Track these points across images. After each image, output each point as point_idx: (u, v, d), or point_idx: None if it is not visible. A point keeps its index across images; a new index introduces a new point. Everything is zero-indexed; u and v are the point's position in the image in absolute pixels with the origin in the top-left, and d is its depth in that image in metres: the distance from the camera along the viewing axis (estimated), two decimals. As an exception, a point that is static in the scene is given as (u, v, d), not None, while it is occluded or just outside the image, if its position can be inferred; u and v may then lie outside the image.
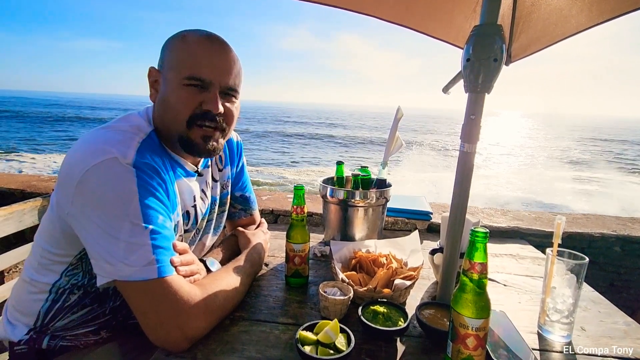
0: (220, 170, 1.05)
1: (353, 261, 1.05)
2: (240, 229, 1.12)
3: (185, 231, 0.91)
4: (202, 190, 0.96)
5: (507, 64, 1.22)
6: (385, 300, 0.84)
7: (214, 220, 1.05)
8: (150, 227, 0.68)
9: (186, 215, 0.89)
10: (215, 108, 0.79)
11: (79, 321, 0.84)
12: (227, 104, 0.83)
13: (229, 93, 0.83)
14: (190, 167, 0.90)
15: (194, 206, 0.91)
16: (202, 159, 0.95)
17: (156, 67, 0.83)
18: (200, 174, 0.94)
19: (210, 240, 1.06)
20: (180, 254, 0.75)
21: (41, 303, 0.80)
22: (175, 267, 0.71)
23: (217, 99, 0.80)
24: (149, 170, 0.72)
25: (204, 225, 1.00)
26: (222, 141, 0.86)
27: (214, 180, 1.02)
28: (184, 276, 0.74)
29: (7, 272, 2.02)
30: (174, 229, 0.81)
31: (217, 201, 1.04)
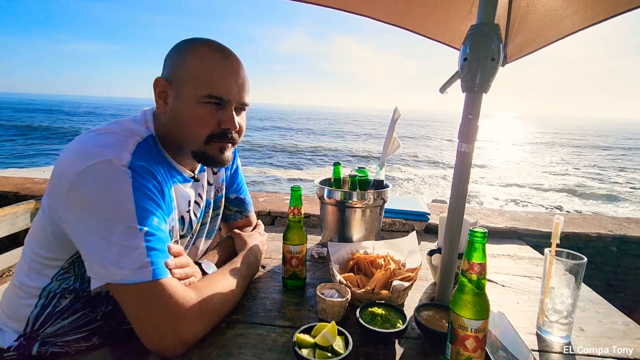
0: (214, 174, 1.04)
1: (351, 263, 1.04)
2: (237, 230, 1.11)
3: (181, 236, 0.90)
4: (198, 195, 0.96)
5: (502, 64, 1.23)
6: (383, 302, 0.83)
7: (207, 224, 1.04)
8: (145, 229, 0.67)
9: (181, 220, 0.88)
10: (233, 127, 0.82)
11: (70, 327, 0.82)
12: (238, 118, 0.84)
13: (242, 108, 0.85)
14: (187, 172, 0.89)
15: (189, 211, 0.91)
16: (200, 164, 0.95)
17: (164, 77, 0.81)
18: (196, 179, 0.94)
19: (203, 244, 1.05)
20: (175, 256, 0.74)
21: (31, 308, 0.79)
22: (170, 270, 0.70)
23: (234, 116, 0.81)
24: (145, 173, 0.71)
25: (197, 229, 0.99)
26: (231, 150, 0.88)
27: (208, 183, 1.01)
28: (179, 279, 0.73)
29: (0, 276, 1.99)
30: (170, 234, 0.80)
31: (212, 204, 1.03)
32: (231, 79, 0.80)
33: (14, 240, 1.28)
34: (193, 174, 0.92)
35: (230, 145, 0.85)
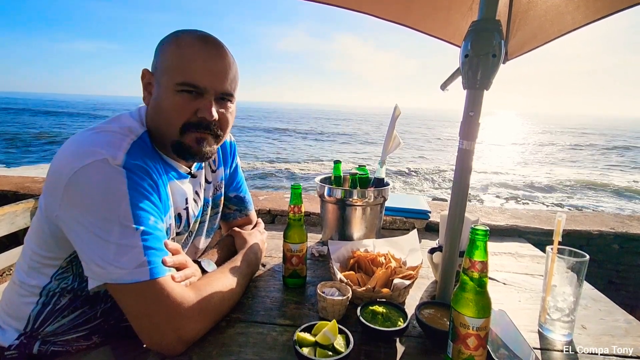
0: (213, 172, 1.03)
1: (351, 261, 1.03)
2: (237, 229, 1.10)
3: (177, 234, 0.90)
4: (196, 192, 0.95)
5: (504, 61, 1.22)
6: (384, 300, 0.83)
7: (206, 222, 1.03)
8: (142, 228, 0.67)
9: (177, 217, 0.88)
10: (209, 116, 0.77)
11: (70, 325, 0.82)
12: (222, 110, 0.81)
13: (225, 98, 0.82)
14: (183, 169, 0.88)
15: (186, 208, 0.90)
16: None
17: (150, 70, 0.81)
18: (193, 176, 0.93)
19: (203, 242, 1.05)
20: (172, 254, 0.74)
21: (32, 306, 0.79)
22: (167, 266, 0.70)
23: (212, 106, 0.78)
24: (140, 172, 0.71)
25: (196, 228, 0.99)
26: (215, 146, 0.85)
27: (207, 182, 1.00)
28: (179, 282, 0.72)
29: (0, 275, 1.99)
30: (166, 232, 0.79)
31: (210, 203, 1.03)
32: (208, 65, 0.77)
33: (14, 239, 1.28)
34: (189, 170, 0.91)
35: (210, 137, 0.81)
